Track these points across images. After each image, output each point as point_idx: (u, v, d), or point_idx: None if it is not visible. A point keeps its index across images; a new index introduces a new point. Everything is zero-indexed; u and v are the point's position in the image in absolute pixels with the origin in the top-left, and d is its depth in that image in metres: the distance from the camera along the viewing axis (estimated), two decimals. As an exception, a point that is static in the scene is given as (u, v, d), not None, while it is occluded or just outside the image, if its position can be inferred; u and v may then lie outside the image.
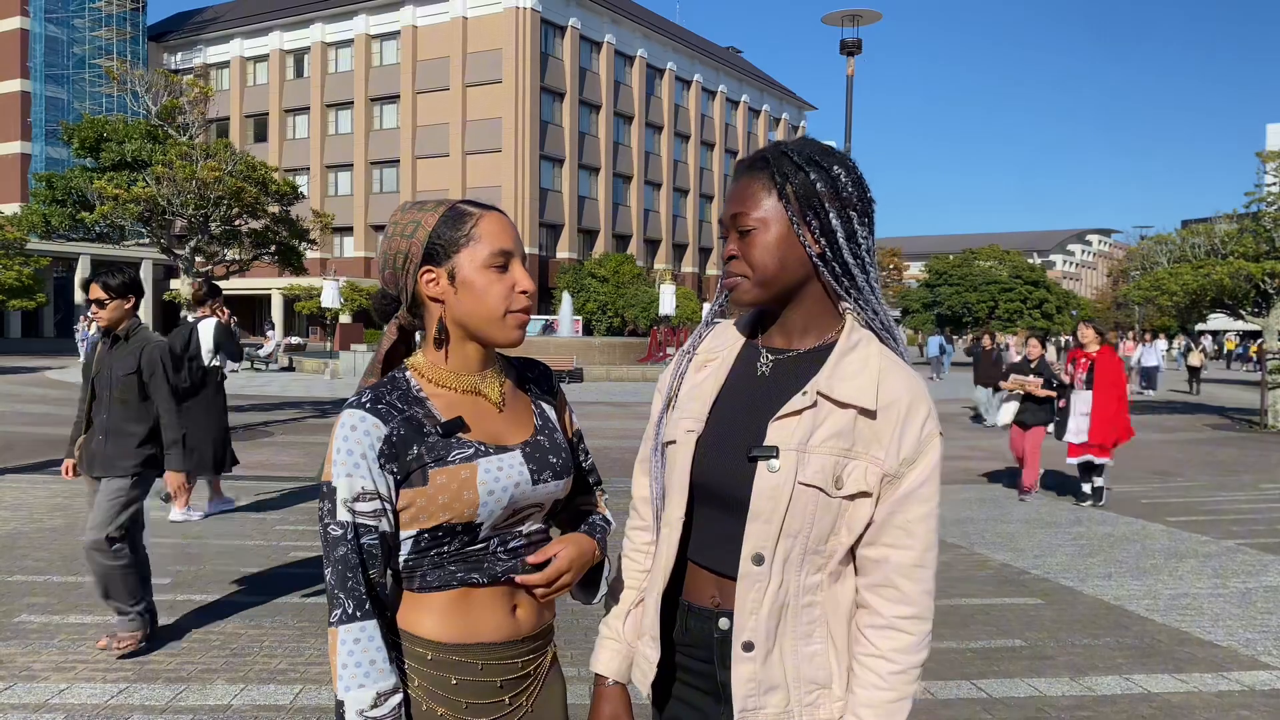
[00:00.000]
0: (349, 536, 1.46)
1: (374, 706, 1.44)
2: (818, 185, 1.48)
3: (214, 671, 4.33)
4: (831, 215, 1.48)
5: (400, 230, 1.58)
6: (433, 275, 1.55)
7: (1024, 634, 5.18)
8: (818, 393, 1.45)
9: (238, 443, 12.74)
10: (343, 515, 1.47)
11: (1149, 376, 26.10)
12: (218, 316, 7.75)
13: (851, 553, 1.48)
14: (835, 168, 1.49)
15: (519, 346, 1.62)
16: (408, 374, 1.59)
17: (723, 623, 1.49)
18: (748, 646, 1.45)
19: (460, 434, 1.54)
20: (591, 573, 1.73)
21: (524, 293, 1.55)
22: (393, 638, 1.53)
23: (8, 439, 12.53)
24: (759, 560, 1.43)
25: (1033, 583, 6.27)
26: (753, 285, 1.50)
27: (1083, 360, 9.06)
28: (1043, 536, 7.72)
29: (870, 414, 1.43)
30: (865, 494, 1.43)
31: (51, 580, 5.78)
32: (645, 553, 1.69)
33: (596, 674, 1.66)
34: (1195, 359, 28.12)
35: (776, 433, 1.45)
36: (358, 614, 1.45)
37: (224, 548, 6.69)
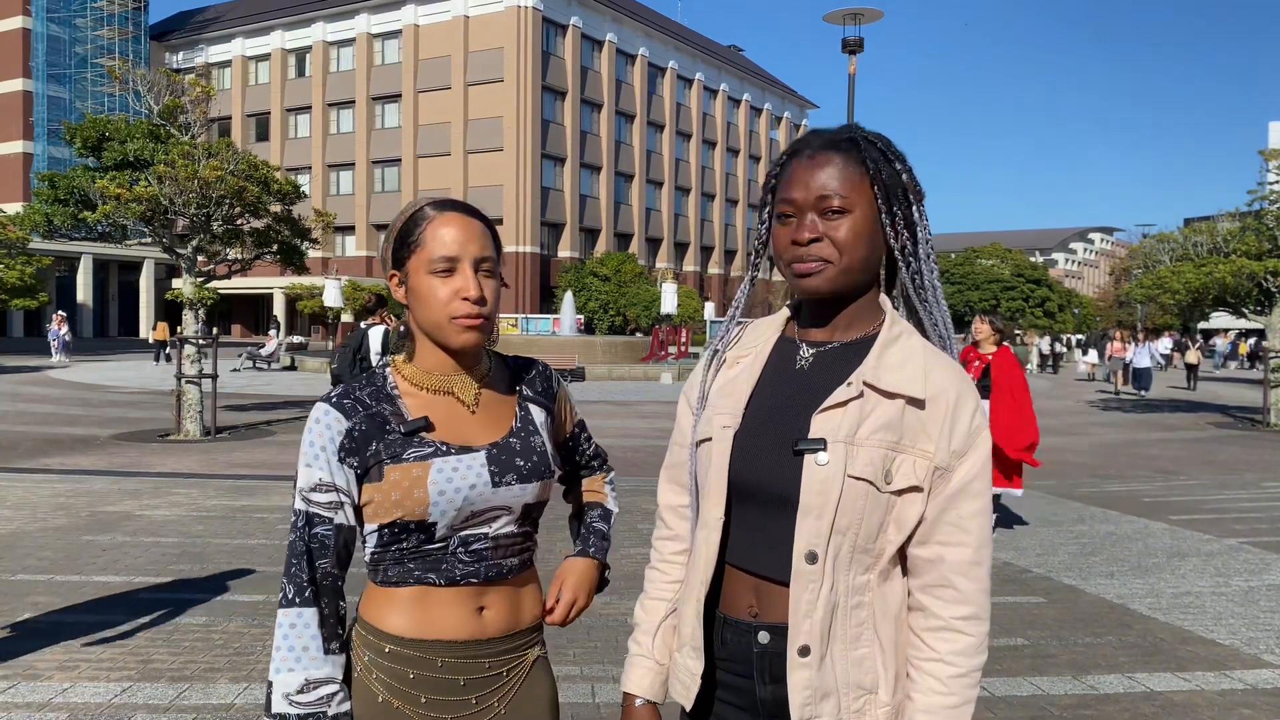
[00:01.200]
0: (300, 524, 1.50)
1: (300, 691, 1.45)
2: (903, 177, 1.45)
3: (217, 670, 4.34)
4: (914, 209, 1.46)
5: (387, 233, 1.62)
6: (396, 278, 1.59)
7: (1026, 632, 5.18)
8: (864, 383, 1.40)
9: (240, 441, 12.79)
10: (299, 504, 1.51)
11: (1141, 378, 24.60)
12: (386, 324, 8.70)
13: (899, 553, 1.43)
14: (907, 161, 1.47)
15: (494, 347, 1.64)
16: (387, 371, 1.62)
17: (762, 636, 1.43)
18: (804, 651, 1.37)
19: (424, 434, 1.54)
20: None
21: (466, 299, 1.52)
22: (340, 628, 1.54)
23: (11, 438, 12.55)
24: (812, 559, 1.37)
25: (1035, 581, 6.27)
26: (838, 272, 1.42)
27: (975, 364, 7.47)
28: (1045, 535, 7.71)
29: (919, 404, 1.39)
30: (915, 489, 1.38)
31: (55, 579, 5.79)
32: (674, 563, 1.62)
33: (626, 693, 1.58)
34: (1192, 356, 29.38)
35: (822, 424, 1.39)
36: (296, 600, 1.48)
37: (226, 547, 6.70)
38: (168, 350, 31.62)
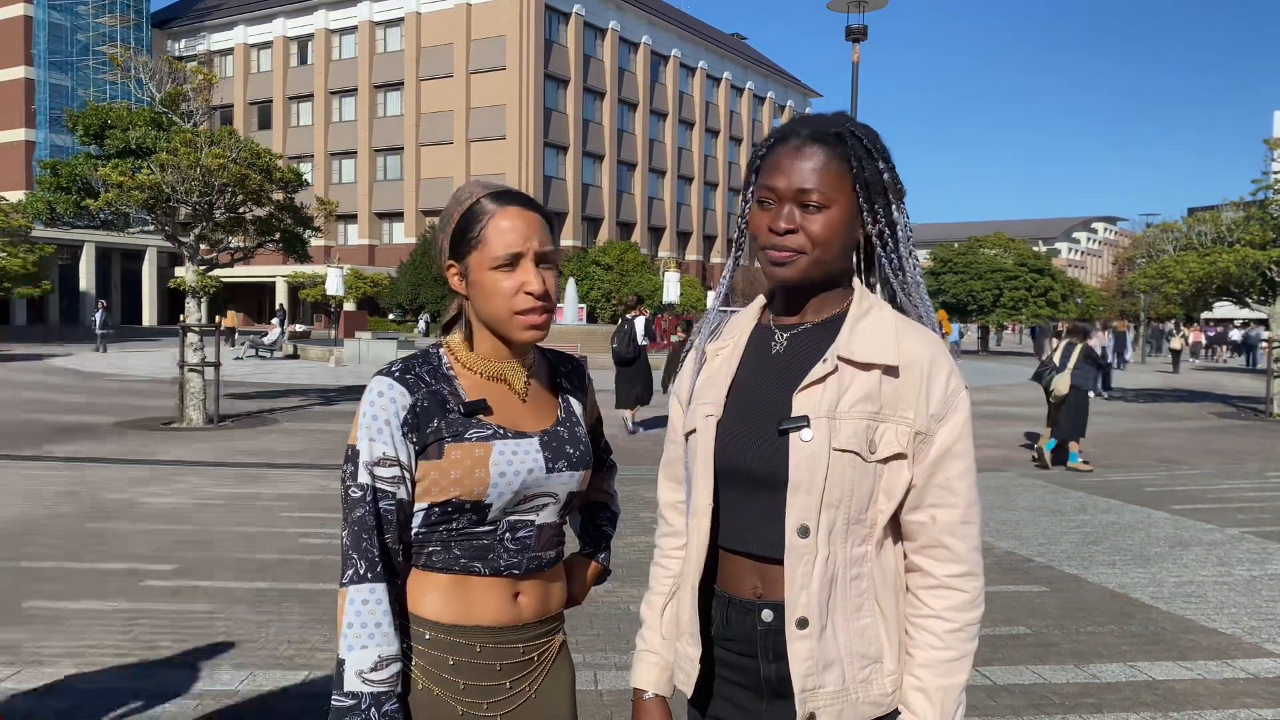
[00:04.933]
0: (367, 499, 1.48)
1: (374, 669, 1.44)
2: (884, 175, 1.48)
3: (221, 657, 4.36)
4: (894, 206, 1.49)
5: (440, 223, 1.63)
6: (454, 270, 1.60)
7: (1028, 621, 5.19)
8: (838, 358, 1.44)
9: (243, 429, 12.82)
10: (363, 478, 1.49)
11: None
12: (643, 315, 13.06)
13: (893, 522, 1.47)
14: (891, 159, 1.51)
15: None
16: (441, 351, 1.62)
17: (766, 614, 1.46)
18: (802, 623, 1.41)
19: (481, 415, 1.56)
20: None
21: (530, 294, 1.53)
22: (399, 609, 1.54)
23: (16, 426, 12.57)
24: (804, 532, 1.41)
25: (1037, 570, 6.28)
26: (809, 262, 1.46)
27: None
28: (1047, 524, 7.72)
29: (893, 371, 1.43)
30: (900, 456, 1.42)
31: (61, 566, 5.81)
32: (675, 558, 1.66)
33: (635, 688, 1.63)
34: (1176, 343, 31.59)
35: (803, 402, 1.43)
36: (369, 575, 1.46)
37: (231, 534, 6.72)
38: (235, 337, 32.16)
